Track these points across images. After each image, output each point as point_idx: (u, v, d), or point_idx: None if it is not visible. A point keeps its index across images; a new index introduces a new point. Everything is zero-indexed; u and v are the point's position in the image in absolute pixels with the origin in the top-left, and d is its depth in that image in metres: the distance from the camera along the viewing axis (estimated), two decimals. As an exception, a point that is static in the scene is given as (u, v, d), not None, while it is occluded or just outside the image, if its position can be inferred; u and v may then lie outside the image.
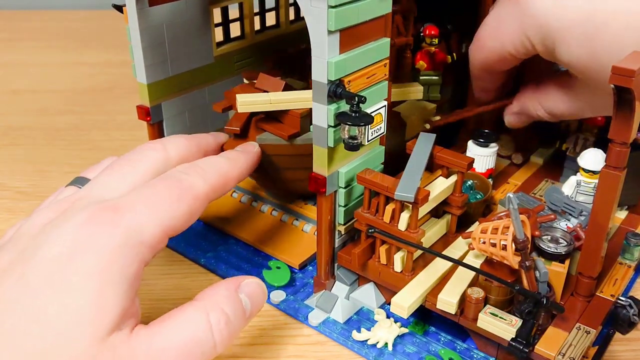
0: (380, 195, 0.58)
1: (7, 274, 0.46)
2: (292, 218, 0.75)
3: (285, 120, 0.66)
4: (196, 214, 0.54)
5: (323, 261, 0.63)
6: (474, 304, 0.55)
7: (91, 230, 0.48)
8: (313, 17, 0.51)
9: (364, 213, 0.60)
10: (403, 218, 0.57)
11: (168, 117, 0.75)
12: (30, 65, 1.35)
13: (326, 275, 0.64)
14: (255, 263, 0.71)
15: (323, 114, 0.55)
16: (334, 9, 0.50)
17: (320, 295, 0.64)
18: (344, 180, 0.59)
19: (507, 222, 0.52)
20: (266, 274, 0.67)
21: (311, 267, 0.70)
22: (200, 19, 0.74)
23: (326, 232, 0.62)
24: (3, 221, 0.80)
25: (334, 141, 0.56)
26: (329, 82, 0.53)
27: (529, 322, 0.52)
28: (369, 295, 0.64)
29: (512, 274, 0.55)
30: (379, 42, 0.57)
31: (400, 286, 0.59)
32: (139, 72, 0.70)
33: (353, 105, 0.53)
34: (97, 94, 1.19)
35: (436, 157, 0.62)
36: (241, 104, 0.64)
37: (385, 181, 0.57)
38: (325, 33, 0.51)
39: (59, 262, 0.47)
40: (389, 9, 0.57)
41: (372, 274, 0.62)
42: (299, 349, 0.61)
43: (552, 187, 0.64)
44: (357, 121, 0.53)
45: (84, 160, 0.94)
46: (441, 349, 0.58)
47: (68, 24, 1.62)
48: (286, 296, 0.66)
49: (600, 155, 0.64)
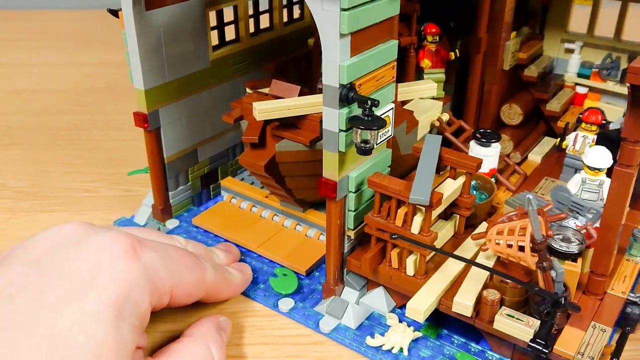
0: (391, 199, 0.58)
1: (26, 289, 0.45)
2: (295, 223, 0.74)
3: (304, 126, 0.65)
4: (191, 297, 0.57)
5: (332, 267, 0.62)
6: (490, 305, 0.55)
7: (113, 255, 0.49)
8: (324, 20, 0.50)
9: (375, 217, 0.59)
10: (416, 221, 0.56)
11: (165, 124, 0.73)
12: (30, 65, 1.34)
13: (335, 281, 0.63)
14: (261, 270, 0.69)
15: (334, 118, 0.54)
16: (346, 12, 0.49)
17: (330, 302, 0.63)
18: (354, 184, 0.59)
19: (524, 223, 0.52)
20: (273, 282, 0.66)
21: (317, 272, 0.69)
22: (197, 22, 0.73)
23: (336, 238, 0.61)
24: (3, 221, 0.80)
25: (346, 145, 0.55)
26: (340, 86, 0.52)
27: (548, 322, 0.52)
28: (380, 299, 0.63)
29: (527, 275, 0.55)
30: (387, 44, 0.57)
31: (412, 290, 0.59)
32: (136, 78, 0.69)
33: (366, 109, 0.52)
34: (97, 94, 1.18)
35: (444, 159, 0.62)
36: (260, 112, 0.63)
37: (397, 185, 0.56)
38: (337, 36, 0.50)
39: (80, 284, 0.46)
40: (397, 11, 0.56)
41: (384, 279, 0.61)
42: (298, 348, 0.60)
43: (559, 186, 0.64)
44: (370, 125, 0.52)
45: (84, 160, 0.94)
46: (457, 352, 0.58)
47: (68, 24, 1.61)
48: (295, 303, 0.65)
49: (605, 153, 0.65)
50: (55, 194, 0.85)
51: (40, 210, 0.82)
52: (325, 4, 0.50)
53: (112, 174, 0.90)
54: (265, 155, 0.66)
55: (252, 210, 0.78)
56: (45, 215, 0.81)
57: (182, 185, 0.78)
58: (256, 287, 0.67)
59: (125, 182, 0.87)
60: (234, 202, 0.79)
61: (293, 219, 0.75)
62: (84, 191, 0.86)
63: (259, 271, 0.69)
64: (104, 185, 0.87)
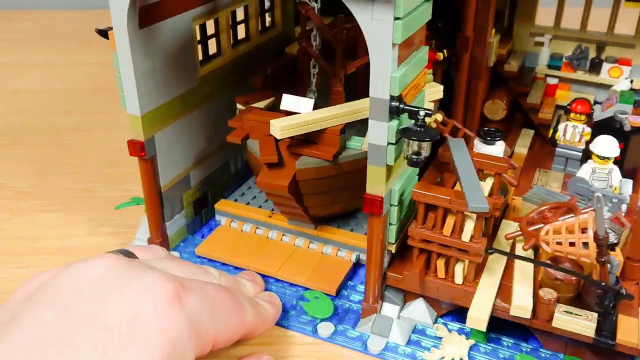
0: (437, 209, 0.56)
1: (57, 342, 0.39)
2: (307, 241, 0.71)
3: (322, 140, 0.62)
4: (232, 340, 0.51)
5: (373, 284, 0.60)
6: (547, 305, 0.55)
7: (155, 303, 0.43)
8: (375, 31, 0.48)
9: (419, 229, 0.57)
10: (467, 229, 0.55)
11: (161, 150, 0.67)
12: (30, 65, 1.33)
13: (376, 298, 0.61)
14: (285, 295, 0.66)
15: (382, 131, 0.52)
16: (400, 21, 0.47)
17: (373, 320, 0.61)
18: (397, 197, 0.57)
19: (582, 221, 0.52)
20: (307, 307, 0.63)
21: (345, 291, 0.67)
22: (185, 38, 0.67)
23: (377, 254, 0.58)
24: (3, 221, 0.79)
25: (395, 159, 0.53)
26: (391, 97, 0.50)
27: (611, 315, 0.53)
28: (422, 311, 0.62)
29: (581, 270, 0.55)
30: (421, 50, 0.55)
31: (462, 298, 0.58)
32: (131, 103, 0.62)
33: (418, 120, 0.51)
34: (97, 94, 1.18)
35: (474, 162, 0.61)
36: (281, 130, 0.59)
37: (445, 194, 0.55)
38: (389, 47, 0.48)
39: (119, 338, 0.41)
40: (430, 15, 0.55)
41: (430, 290, 0.60)
42: (298, 348, 0.59)
43: (576, 178, 0.66)
44: (423, 136, 0.51)
45: (84, 160, 0.93)
46: (516, 355, 0.58)
47: (68, 24, 1.60)
48: (335, 327, 0.61)
49: (613, 142, 0.67)
50: (55, 194, 0.84)
51: (40, 210, 0.81)
52: (377, 13, 0.47)
53: (112, 174, 0.89)
54: (286, 174, 0.63)
55: (256, 233, 0.73)
56: (45, 215, 0.80)
57: (177, 214, 0.73)
58: (287, 314, 0.63)
59: (124, 182, 0.87)
60: (235, 225, 0.74)
61: (304, 237, 0.71)
62: (84, 191, 0.85)
63: (284, 296, 0.65)
64: (103, 185, 0.87)
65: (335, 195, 0.67)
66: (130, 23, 0.58)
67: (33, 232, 0.77)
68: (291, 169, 0.63)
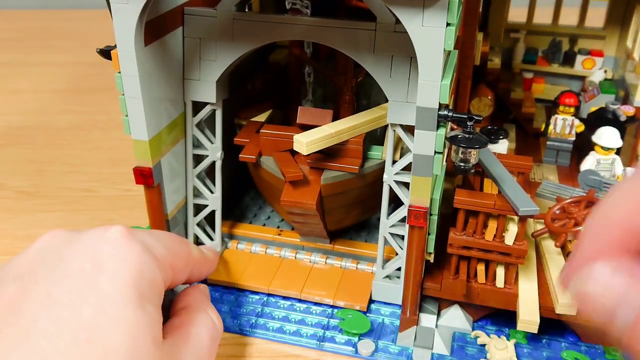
0: (478, 215, 0.55)
1: (30, 300, 0.40)
2: (324, 257, 0.68)
3: (344, 152, 0.59)
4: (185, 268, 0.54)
5: (412, 296, 0.59)
6: (590, 300, 0.55)
7: (110, 240, 0.46)
8: (425, 39, 0.46)
9: (460, 235, 0.56)
10: (511, 233, 0.55)
11: (166, 175, 0.62)
12: (30, 65, 1.33)
13: (414, 310, 0.60)
14: (319, 315, 0.63)
15: (430, 141, 0.50)
16: (452, 27, 0.46)
17: (413, 333, 0.59)
18: (437, 206, 0.55)
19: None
20: (343, 325, 0.60)
21: (373, 304, 0.65)
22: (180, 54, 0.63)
23: (417, 265, 0.57)
24: (3, 221, 0.79)
25: (441, 168, 0.51)
26: (440, 105, 0.49)
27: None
28: (459, 317, 0.61)
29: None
30: (454, 54, 0.54)
31: (504, 301, 0.58)
32: (137, 128, 0.57)
33: (467, 127, 0.49)
34: (97, 94, 1.17)
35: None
36: (307, 145, 0.56)
37: (489, 199, 0.54)
38: (440, 54, 0.47)
39: (88, 275, 0.43)
40: (460, 19, 0.54)
41: (472, 296, 0.59)
42: (298, 348, 0.59)
43: (587, 170, 0.68)
44: (473, 144, 0.50)
45: (84, 160, 0.93)
46: (563, 352, 0.58)
47: (68, 24, 1.60)
48: (375, 344, 0.59)
49: (615, 133, 0.69)
50: (55, 194, 0.84)
51: (40, 210, 0.80)
52: (428, 20, 0.45)
53: (112, 174, 0.88)
54: (311, 191, 0.60)
55: (267, 252, 0.70)
56: (45, 215, 0.79)
57: (181, 240, 0.68)
58: (324, 335, 0.60)
59: (124, 181, 0.86)
60: (242, 247, 0.70)
61: (320, 253, 0.69)
62: (84, 191, 0.85)
63: (311, 315, 0.63)
64: (104, 185, 0.86)
65: (352, 207, 0.65)
66: (137, 40, 0.53)
67: (33, 232, 0.75)
68: (316, 185, 0.60)
